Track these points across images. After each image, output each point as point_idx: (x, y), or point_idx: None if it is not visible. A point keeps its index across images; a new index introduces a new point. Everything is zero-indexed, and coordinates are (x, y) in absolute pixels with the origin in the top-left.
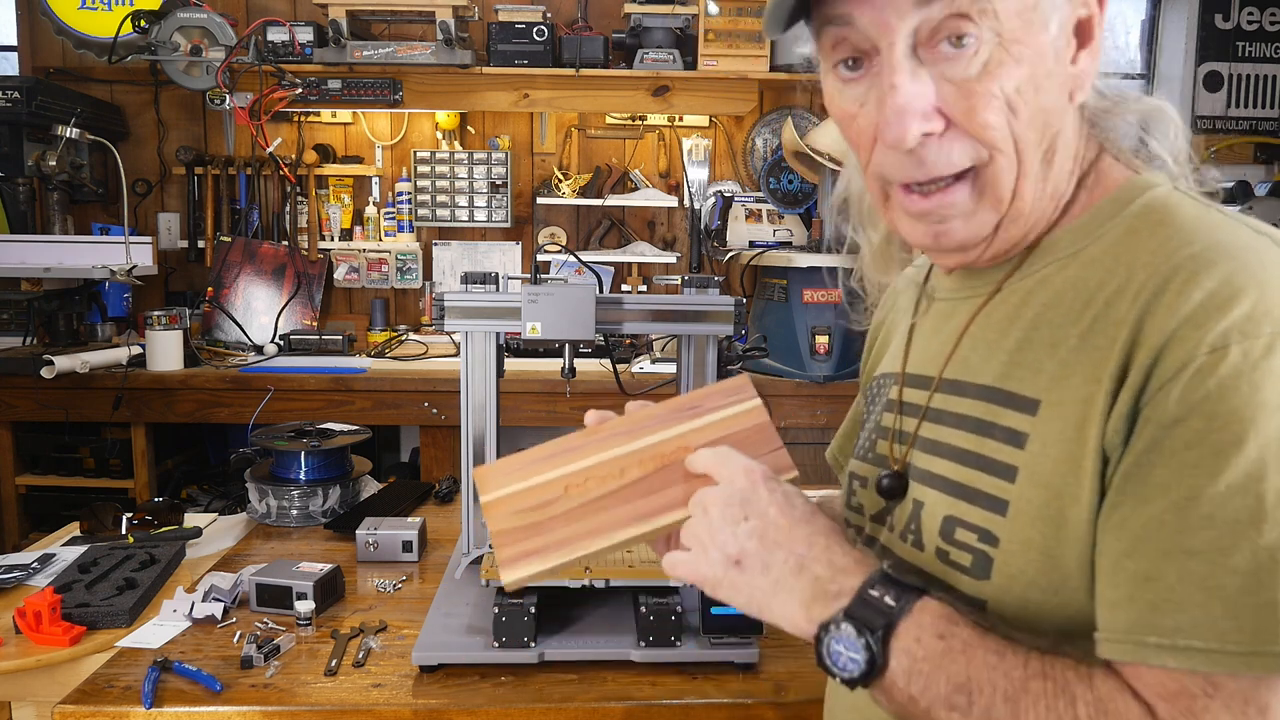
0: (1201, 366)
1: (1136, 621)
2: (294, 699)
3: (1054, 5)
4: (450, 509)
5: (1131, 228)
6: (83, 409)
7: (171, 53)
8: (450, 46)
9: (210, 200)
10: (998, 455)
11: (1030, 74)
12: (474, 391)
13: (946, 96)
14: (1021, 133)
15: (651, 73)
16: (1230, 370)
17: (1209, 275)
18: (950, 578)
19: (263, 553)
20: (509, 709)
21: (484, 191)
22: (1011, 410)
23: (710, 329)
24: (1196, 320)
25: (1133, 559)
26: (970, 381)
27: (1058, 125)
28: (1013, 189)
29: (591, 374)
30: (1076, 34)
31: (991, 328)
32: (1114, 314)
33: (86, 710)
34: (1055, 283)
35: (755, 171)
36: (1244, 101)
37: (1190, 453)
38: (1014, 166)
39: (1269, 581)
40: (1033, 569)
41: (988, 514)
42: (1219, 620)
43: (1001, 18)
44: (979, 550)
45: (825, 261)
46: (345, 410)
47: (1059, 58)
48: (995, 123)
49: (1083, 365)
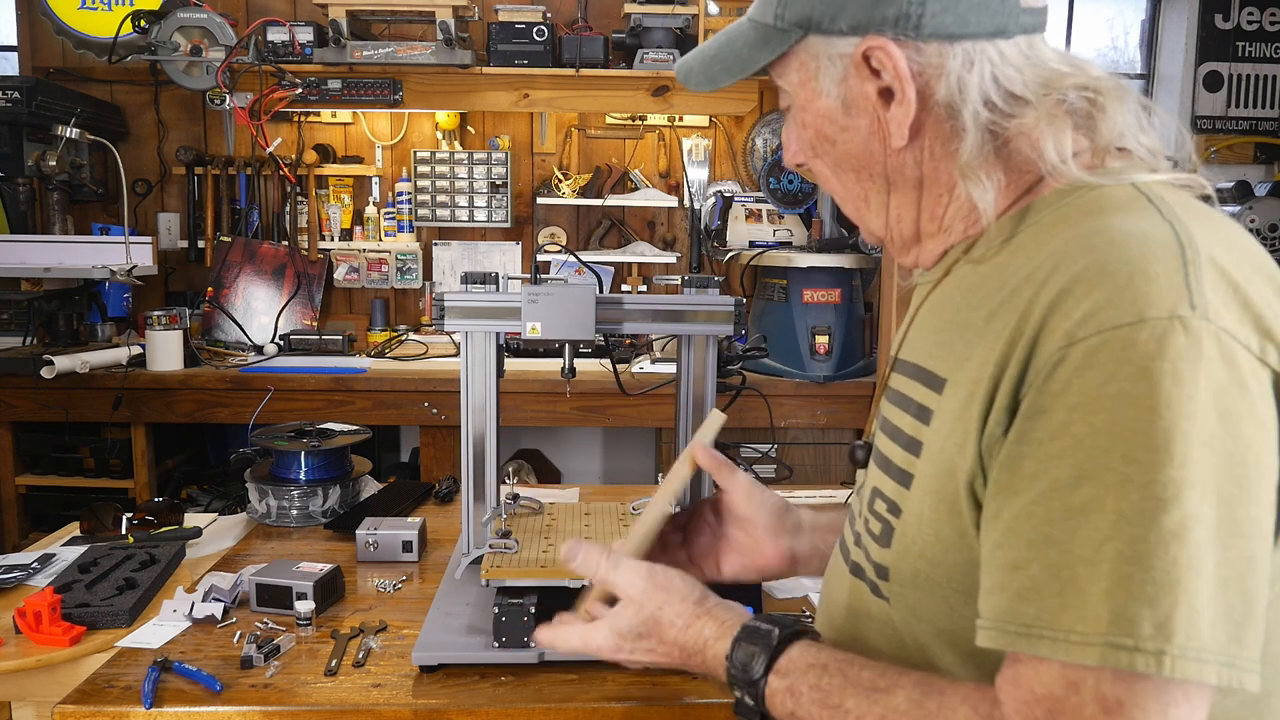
0: (1064, 358)
1: (1005, 610)
2: (294, 699)
3: (833, 78)
4: (450, 509)
5: (1062, 216)
6: (83, 409)
7: (171, 53)
8: (450, 46)
9: (210, 200)
10: (911, 431)
11: (819, 130)
12: (474, 391)
13: (792, 144)
14: (833, 176)
15: (651, 73)
16: (1089, 360)
17: (1081, 264)
18: (869, 546)
19: (263, 553)
20: (509, 709)
21: (484, 191)
22: (925, 388)
23: (710, 329)
24: (1065, 310)
25: (1003, 548)
26: (909, 361)
27: (877, 167)
28: (857, 218)
29: (591, 374)
30: (880, 95)
31: (932, 310)
32: (1015, 300)
33: (86, 710)
34: (982, 268)
35: (755, 171)
36: (1244, 101)
37: (1053, 444)
38: (846, 203)
39: (1114, 573)
40: (922, 540)
41: (897, 486)
42: (1070, 609)
43: (791, 88)
44: (885, 519)
45: (825, 261)
46: (345, 410)
47: (854, 113)
48: (815, 168)
49: (980, 348)
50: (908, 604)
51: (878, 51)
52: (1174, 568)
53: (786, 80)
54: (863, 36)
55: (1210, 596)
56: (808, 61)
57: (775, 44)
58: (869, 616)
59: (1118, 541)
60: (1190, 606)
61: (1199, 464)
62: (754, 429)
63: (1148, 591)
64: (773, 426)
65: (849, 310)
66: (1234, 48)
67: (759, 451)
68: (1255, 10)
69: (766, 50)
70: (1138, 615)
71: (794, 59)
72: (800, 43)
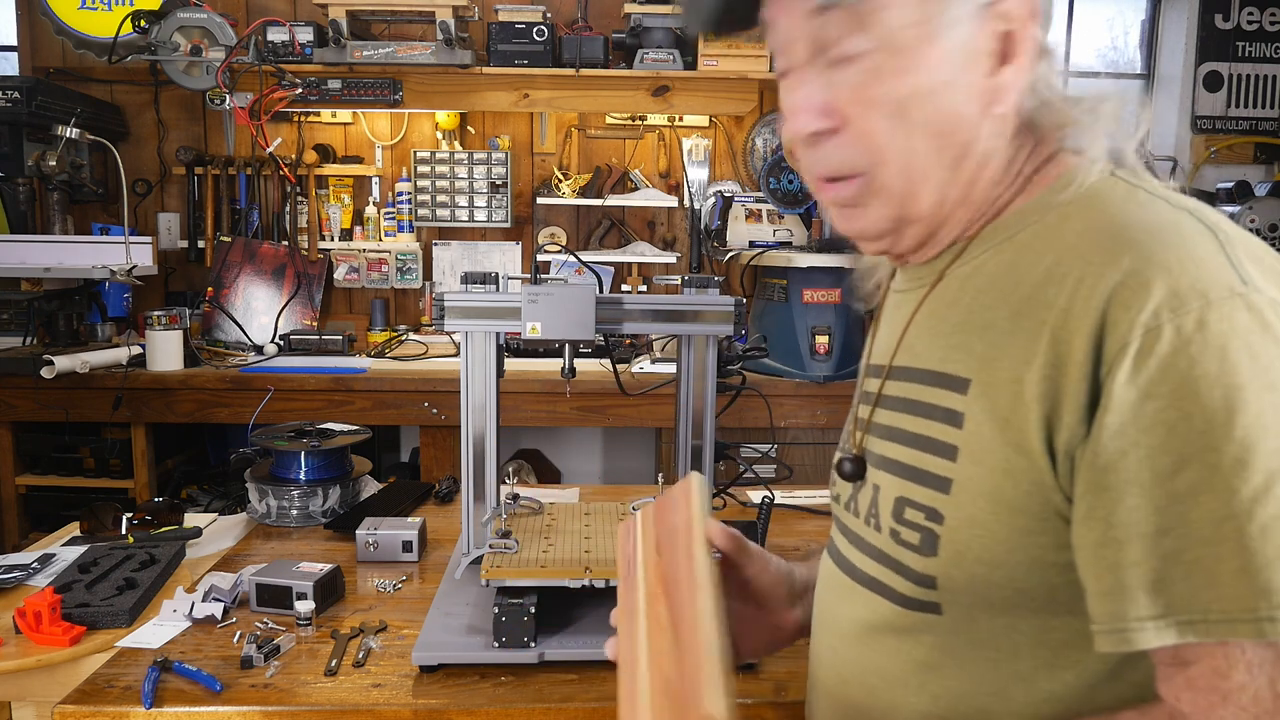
0: (1141, 348)
1: (1145, 606)
2: (294, 699)
3: (956, 17)
4: (450, 509)
5: (1064, 214)
6: (83, 409)
7: (171, 53)
8: (450, 46)
9: (210, 200)
10: (940, 436)
11: (918, 83)
12: (474, 391)
13: (839, 99)
14: (908, 143)
15: (651, 73)
16: (1168, 348)
17: (1127, 257)
18: (902, 556)
19: (263, 553)
20: (509, 709)
21: (484, 191)
22: (948, 391)
23: (710, 329)
24: (1125, 302)
25: (1109, 546)
26: (915, 367)
27: (967, 134)
28: (904, 192)
29: (591, 374)
30: (1000, 47)
31: (934, 315)
32: (1043, 297)
33: (86, 710)
34: (989, 268)
35: (755, 171)
36: (1244, 101)
37: (1146, 436)
38: (902, 173)
39: (1241, 550)
40: (977, 544)
41: (933, 493)
42: (1204, 591)
43: (891, 27)
44: (926, 528)
45: (825, 261)
46: (345, 410)
47: (964, 68)
48: (878, 129)
49: (1012, 347)
50: (963, 608)
51: (1020, 7)
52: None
53: (892, 14)
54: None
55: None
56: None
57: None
58: (894, 630)
59: (1237, 520)
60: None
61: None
62: (754, 429)
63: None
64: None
65: (849, 310)
66: (1234, 48)
67: (759, 451)
68: (1255, 10)
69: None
70: (1274, 584)
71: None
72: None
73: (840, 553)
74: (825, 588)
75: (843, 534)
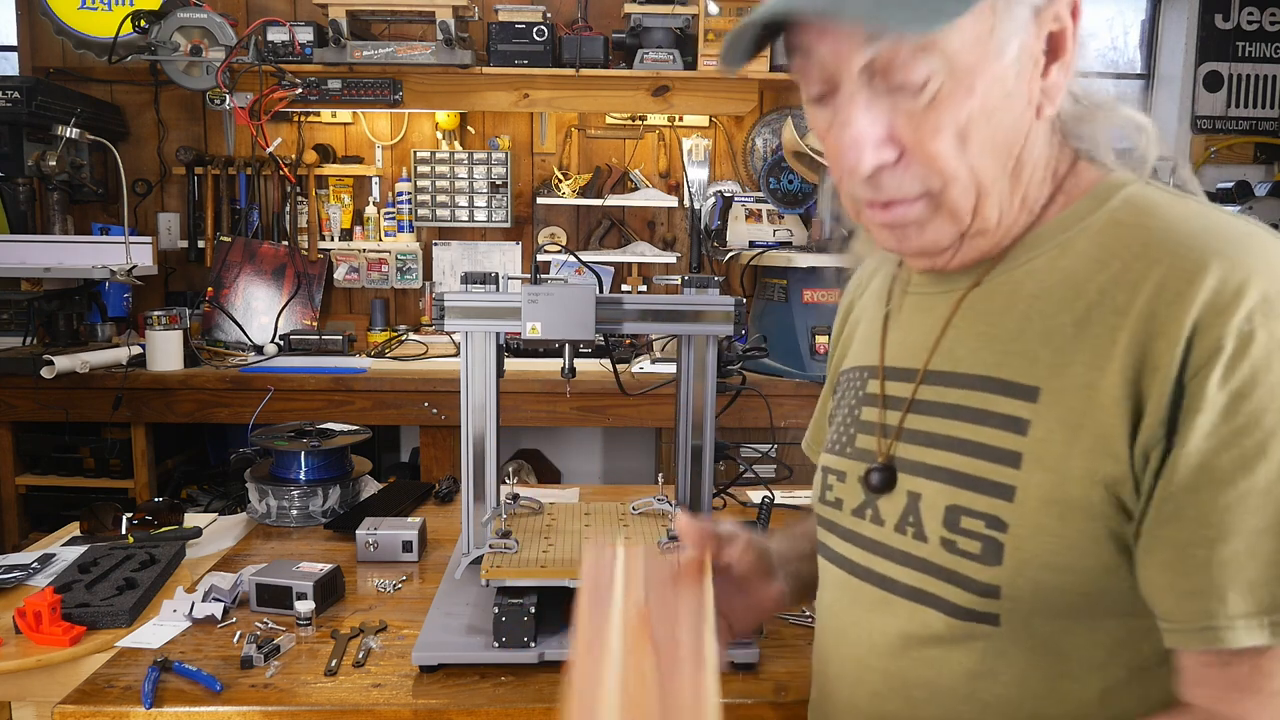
0: (1235, 351)
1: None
2: (294, 699)
3: (1015, 28)
4: (450, 509)
5: (1114, 220)
6: (83, 409)
7: (171, 53)
8: (450, 46)
9: (210, 200)
10: (999, 443)
11: (984, 102)
12: (474, 391)
13: (900, 127)
14: (975, 161)
15: (651, 73)
16: (1262, 351)
17: (1216, 263)
18: (960, 566)
19: (263, 553)
20: (509, 709)
21: (484, 191)
22: (1008, 398)
23: (710, 329)
24: (1217, 308)
25: (1200, 546)
26: (961, 372)
27: (1021, 142)
28: (972, 209)
29: (591, 374)
30: (1048, 47)
31: (979, 319)
32: (1111, 303)
33: (86, 710)
34: (1044, 274)
35: (755, 171)
36: (1244, 101)
37: (1252, 436)
38: (971, 191)
39: None
40: (1046, 551)
41: (994, 500)
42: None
43: (953, 49)
44: (988, 536)
45: (825, 261)
46: (345, 410)
47: (1021, 77)
48: (945, 153)
49: (1082, 353)
50: (1023, 616)
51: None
52: None
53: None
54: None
55: None
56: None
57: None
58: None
59: None
60: None
61: None
62: (754, 429)
63: None
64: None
65: None
66: (1234, 48)
67: (759, 451)
68: (1255, 10)
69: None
70: None
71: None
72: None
73: (858, 564)
74: (844, 601)
75: (854, 543)
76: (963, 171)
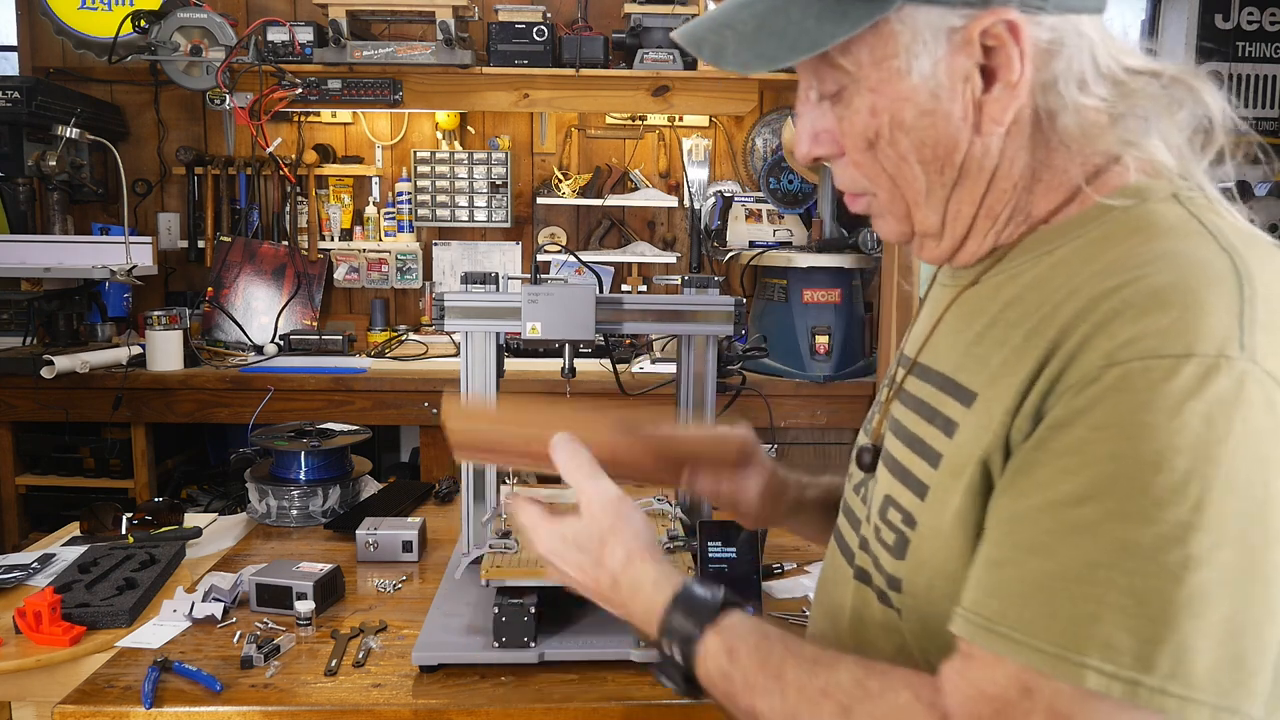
0: (1099, 377)
1: (977, 602)
2: (294, 699)
3: (921, 50)
4: (450, 509)
5: (1107, 234)
6: (83, 409)
7: (171, 53)
8: (450, 46)
9: (210, 200)
10: (932, 442)
11: (893, 117)
12: (474, 391)
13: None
14: (893, 169)
15: (651, 73)
16: (1124, 385)
17: (1138, 286)
18: (879, 553)
19: (263, 553)
20: (509, 709)
21: (484, 191)
22: (953, 400)
23: (710, 329)
24: (1110, 331)
25: (992, 545)
26: (933, 367)
27: (962, 154)
28: (905, 213)
29: (591, 374)
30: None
31: (961, 317)
32: (1056, 316)
33: (86, 710)
34: (1022, 280)
35: (755, 171)
36: (1244, 101)
37: (1069, 458)
38: (897, 197)
39: (1102, 599)
40: (939, 556)
41: (913, 497)
42: (1045, 619)
43: (859, 68)
44: (900, 530)
45: (825, 261)
46: (345, 410)
47: (944, 95)
48: (859, 159)
49: (1016, 364)
50: (919, 616)
51: (998, 26)
52: (1169, 606)
53: (851, 58)
54: (984, 8)
55: (1216, 640)
56: (895, 35)
57: (858, 14)
58: (877, 624)
59: (1113, 570)
60: (1181, 645)
61: (1219, 509)
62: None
63: (1133, 624)
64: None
65: (849, 310)
66: (1234, 48)
67: None
68: (1255, 10)
69: (846, 22)
70: (1118, 642)
71: (872, 32)
72: (895, 12)
73: (843, 537)
74: (827, 572)
75: (848, 521)
76: (884, 177)
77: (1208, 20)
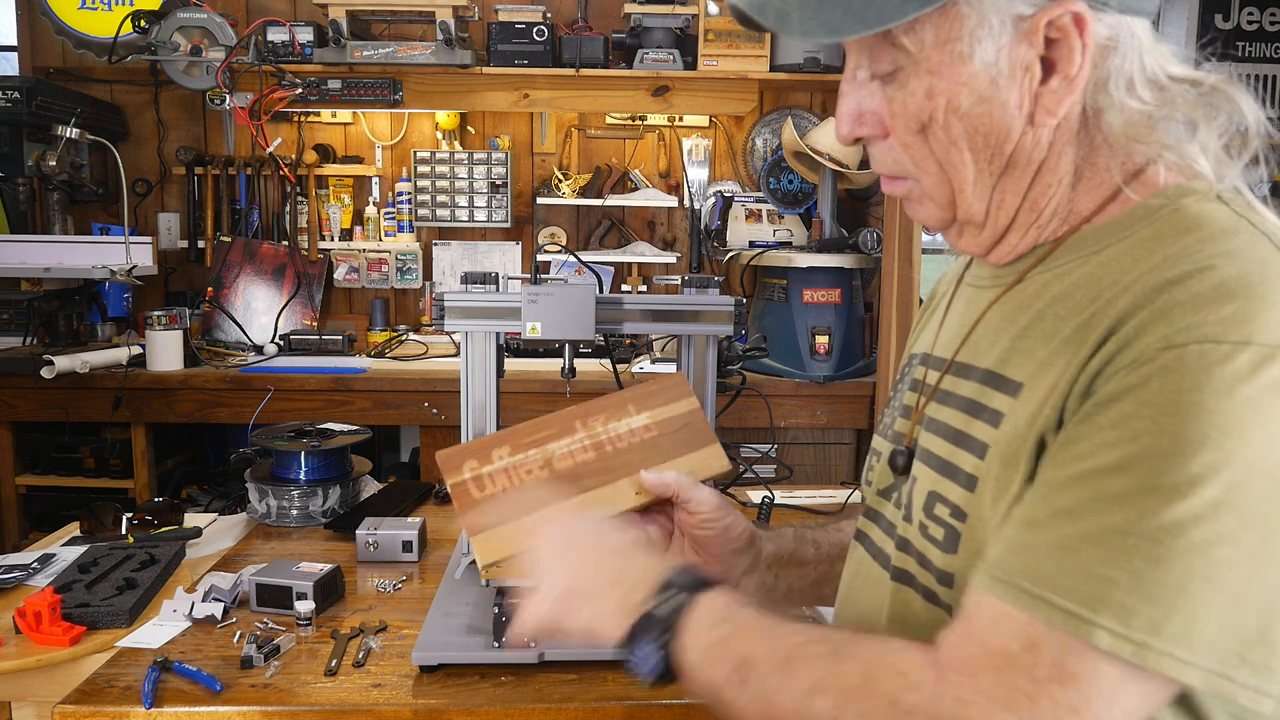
0: (1154, 358)
1: (1000, 557)
2: (294, 699)
3: (986, 35)
4: (450, 509)
5: (1158, 232)
6: (83, 409)
7: (171, 53)
8: (450, 46)
9: (210, 200)
10: (978, 434)
11: (950, 101)
12: (474, 391)
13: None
14: (941, 154)
15: (651, 73)
16: (1179, 365)
17: (1202, 278)
18: (927, 550)
19: (263, 553)
20: (509, 709)
21: (484, 191)
22: (999, 392)
23: (710, 329)
24: (1169, 318)
25: (1028, 508)
26: (975, 365)
27: (1012, 144)
28: (949, 199)
29: (591, 374)
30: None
31: (1005, 316)
32: (1109, 310)
33: (86, 710)
34: (1071, 277)
35: (755, 171)
36: None
37: (1111, 431)
38: (943, 182)
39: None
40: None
41: (962, 490)
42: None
43: (921, 48)
44: (949, 525)
45: (825, 261)
46: (345, 410)
47: (1003, 83)
48: (908, 141)
49: (1069, 352)
50: None
51: (1065, 18)
52: (1186, 577)
53: (914, 38)
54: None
55: (1227, 612)
56: (962, 17)
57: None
58: (921, 624)
59: (1136, 538)
60: (1191, 614)
61: (1251, 490)
62: (754, 429)
63: (1151, 591)
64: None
65: (849, 310)
66: (1234, 48)
67: (759, 451)
68: (1255, 10)
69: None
70: (1133, 605)
71: (940, 13)
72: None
73: (873, 542)
74: (856, 579)
75: (877, 525)
76: (931, 162)
77: (1208, 20)
